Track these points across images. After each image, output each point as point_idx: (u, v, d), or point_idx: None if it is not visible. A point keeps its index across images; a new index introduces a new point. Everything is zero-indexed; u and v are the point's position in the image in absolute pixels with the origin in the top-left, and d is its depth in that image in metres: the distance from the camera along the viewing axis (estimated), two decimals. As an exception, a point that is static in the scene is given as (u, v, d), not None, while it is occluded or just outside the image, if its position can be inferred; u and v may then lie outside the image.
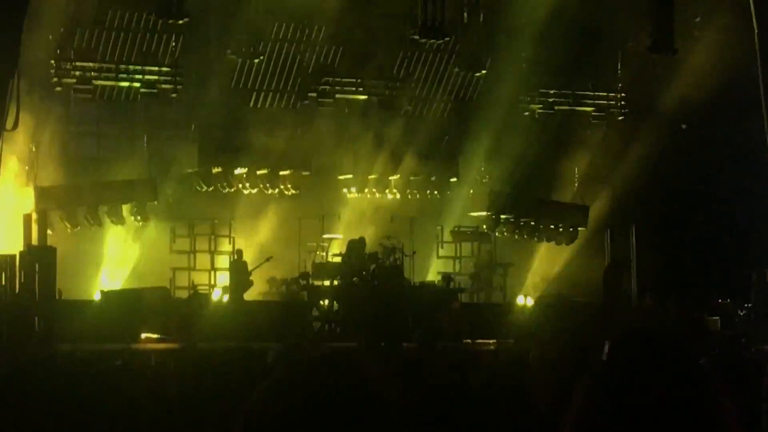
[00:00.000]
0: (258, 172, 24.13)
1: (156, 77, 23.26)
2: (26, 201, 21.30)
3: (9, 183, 20.60)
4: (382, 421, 2.62)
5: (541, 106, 25.44)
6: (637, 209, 24.07)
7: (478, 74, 25.06)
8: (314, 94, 24.52)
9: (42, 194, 21.61)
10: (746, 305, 22.28)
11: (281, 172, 24.33)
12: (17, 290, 18.54)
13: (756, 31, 22.77)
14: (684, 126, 24.41)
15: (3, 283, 18.70)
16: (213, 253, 22.94)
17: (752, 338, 19.80)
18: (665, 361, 2.88)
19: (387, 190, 25.14)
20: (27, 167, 21.78)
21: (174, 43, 23.13)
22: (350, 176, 24.94)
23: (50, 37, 22.15)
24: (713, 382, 2.83)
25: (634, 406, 2.78)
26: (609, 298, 6.10)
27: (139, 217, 22.88)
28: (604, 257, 23.53)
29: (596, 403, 2.78)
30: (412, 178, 25.21)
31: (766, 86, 22.60)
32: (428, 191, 25.47)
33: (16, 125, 19.86)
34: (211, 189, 23.83)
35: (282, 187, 24.43)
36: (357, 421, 2.57)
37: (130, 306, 19.84)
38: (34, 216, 20.56)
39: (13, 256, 19.06)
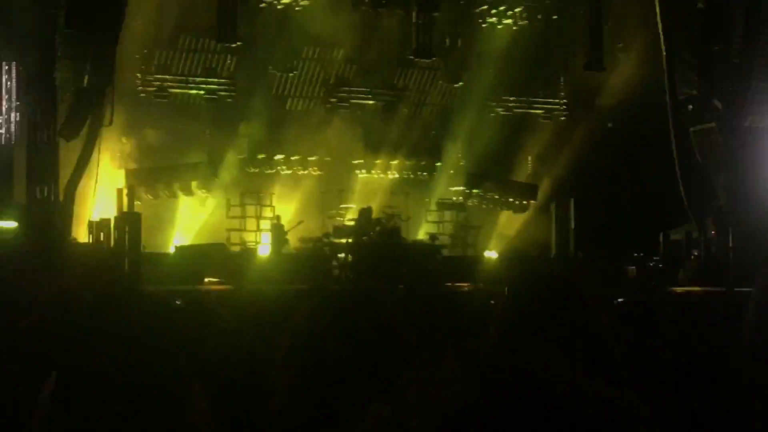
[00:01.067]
0: (292, 158, 24.21)
1: (216, 87, 23.27)
2: (119, 179, 21.39)
3: (107, 166, 20.61)
4: (389, 330, 2.67)
5: (503, 109, 25.45)
6: (576, 186, 24.04)
7: (456, 85, 25.07)
8: (334, 100, 24.54)
9: (130, 174, 21.72)
10: (655, 258, 22.39)
11: (309, 158, 24.36)
12: (113, 245, 18.61)
13: (664, 54, 22.79)
14: (610, 125, 24.48)
15: (102, 239, 18.79)
16: (258, 218, 22.86)
17: (659, 282, 19.93)
18: (554, 300, 2.98)
19: (389, 172, 25.15)
20: (119, 154, 21.84)
21: (230, 61, 23.11)
22: (361, 161, 24.96)
23: (137, 56, 22.18)
24: (598, 315, 2.92)
25: (534, 321, 2.88)
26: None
27: (203, 191, 22.97)
28: (549, 223, 23.63)
29: (508, 320, 2.89)
30: (407, 162, 25.26)
31: (671, 93, 22.64)
32: (419, 172, 25.54)
33: (111, 122, 19.92)
34: (257, 170, 23.90)
35: (310, 169, 24.52)
36: (370, 330, 2.61)
37: (196, 257, 19.89)
38: (125, 191, 20.57)
39: (109, 220, 19.12)
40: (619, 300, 13.89)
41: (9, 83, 19.80)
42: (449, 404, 1.15)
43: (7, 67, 19.67)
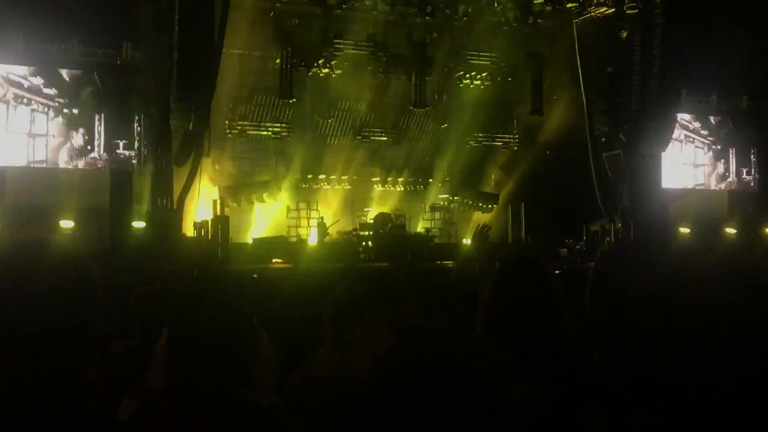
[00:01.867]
0: (331, 177, 24.18)
1: (279, 129, 23.27)
2: (213, 193, 21.45)
3: (205, 184, 20.67)
4: (402, 296, 2.68)
5: (474, 142, 25.41)
6: (525, 194, 24.04)
7: (443, 126, 25.05)
8: (359, 137, 24.54)
9: (221, 189, 21.80)
10: (580, 243, 22.40)
11: (342, 177, 24.33)
12: (210, 238, 18.70)
13: (584, 102, 22.79)
14: (548, 152, 24.47)
15: (203, 234, 18.88)
16: (308, 218, 22.86)
17: (582, 259, 19.94)
18: (531, 273, 2.93)
19: (397, 185, 25.08)
20: (213, 176, 21.91)
21: (288, 111, 23.12)
22: (378, 178, 24.91)
23: (225, 108, 22.25)
24: (557, 288, 2.91)
25: (513, 301, 2.81)
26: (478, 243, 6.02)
27: (271, 200, 23.04)
28: (507, 219, 23.62)
29: (494, 301, 2.84)
30: (409, 179, 25.23)
31: (590, 129, 22.62)
32: (418, 185, 25.41)
33: (208, 153, 19.96)
34: (307, 186, 23.90)
35: (343, 184, 24.41)
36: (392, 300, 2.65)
37: (266, 245, 20.01)
38: (218, 201, 20.68)
39: (207, 221, 19.22)
40: (557, 272, 13.91)
41: (138, 128, 19.95)
42: (368, 361, 1.11)
43: (137, 117, 19.84)
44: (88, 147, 20.36)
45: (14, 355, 1.74)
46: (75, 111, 20.19)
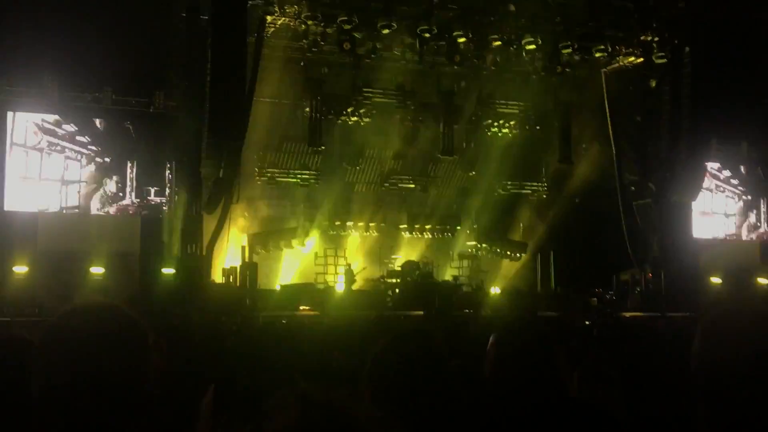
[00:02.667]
0: (358, 224, 24.18)
1: (307, 176, 23.35)
2: (242, 239, 21.52)
3: (234, 230, 20.78)
4: (439, 359, 2.68)
5: (502, 189, 25.34)
6: (554, 242, 23.93)
7: (470, 174, 25.05)
8: (387, 184, 24.59)
9: (250, 236, 21.89)
10: (610, 292, 22.18)
11: (370, 224, 24.32)
12: (238, 284, 18.72)
13: (614, 151, 22.77)
14: (577, 200, 24.35)
15: (231, 280, 18.92)
16: (336, 265, 22.82)
17: (613, 309, 19.72)
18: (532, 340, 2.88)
19: (424, 233, 24.96)
20: (242, 222, 22.01)
21: (317, 159, 23.25)
22: (405, 225, 24.82)
23: (254, 156, 22.44)
24: (555, 348, 2.84)
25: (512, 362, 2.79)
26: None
27: (299, 246, 23.06)
28: (536, 268, 23.48)
29: (500, 353, 2.82)
30: (437, 226, 25.09)
31: (620, 178, 22.54)
32: (445, 233, 25.23)
33: (237, 200, 20.14)
34: (335, 232, 23.88)
35: (370, 231, 24.40)
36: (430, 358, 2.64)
37: (294, 292, 19.92)
38: (246, 247, 20.76)
39: (236, 267, 19.29)
40: (587, 322, 13.77)
41: (170, 175, 20.19)
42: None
43: (169, 165, 20.10)
44: (120, 194, 20.62)
45: (74, 412, 1.79)
46: (107, 159, 20.49)
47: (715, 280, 22.40)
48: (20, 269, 18.04)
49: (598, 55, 21.56)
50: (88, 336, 1.81)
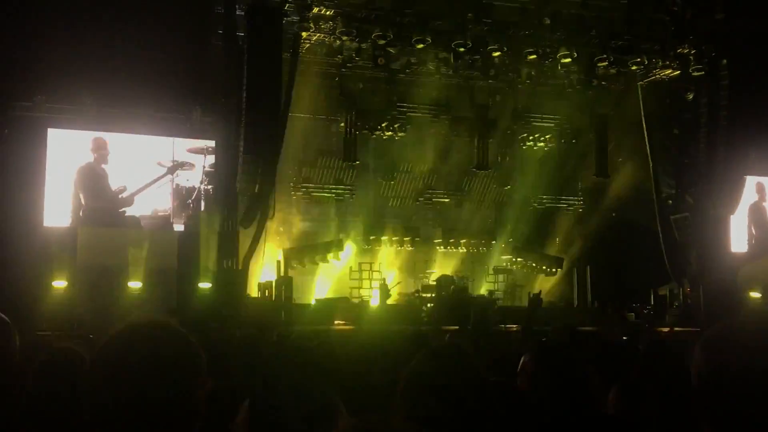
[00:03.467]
0: (393, 238, 24.19)
1: (342, 191, 23.51)
2: (278, 254, 21.60)
3: (270, 245, 20.91)
4: (476, 380, 2.68)
5: (538, 204, 25.27)
6: (590, 257, 23.76)
7: (506, 188, 25.03)
8: (422, 199, 24.65)
9: (285, 251, 21.93)
10: (648, 307, 21.94)
11: (404, 238, 24.31)
12: (274, 299, 18.82)
13: (651, 165, 22.58)
14: (614, 214, 24.20)
15: (267, 295, 19.01)
16: (370, 279, 22.83)
17: (651, 324, 19.51)
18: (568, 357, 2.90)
19: (459, 247, 24.90)
20: (278, 237, 22.15)
21: (351, 174, 23.36)
22: (440, 240, 24.78)
23: (290, 171, 22.62)
24: (589, 366, 2.86)
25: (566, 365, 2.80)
26: (529, 312, 5.98)
27: (334, 261, 23.09)
28: (572, 283, 23.28)
29: (539, 365, 2.83)
30: (472, 241, 25.02)
31: (657, 191, 22.35)
32: (480, 248, 25.14)
33: (273, 216, 20.26)
34: (369, 247, 23.90)
35: (404, 245, 24.39)
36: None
37: (329, 306, 19.84)
38: (282, 262, 20.86)
39: (271, 282, 19.39)
40: (624, 338, 13.65)
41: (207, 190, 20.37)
42: None
43: (206, 180, 20.28)
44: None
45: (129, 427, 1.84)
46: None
47: (755, 294, 22.04)
48: (59, 284, 18.24)
49: (634, 68, 21.41)
50: (144, 357, 1.86)
